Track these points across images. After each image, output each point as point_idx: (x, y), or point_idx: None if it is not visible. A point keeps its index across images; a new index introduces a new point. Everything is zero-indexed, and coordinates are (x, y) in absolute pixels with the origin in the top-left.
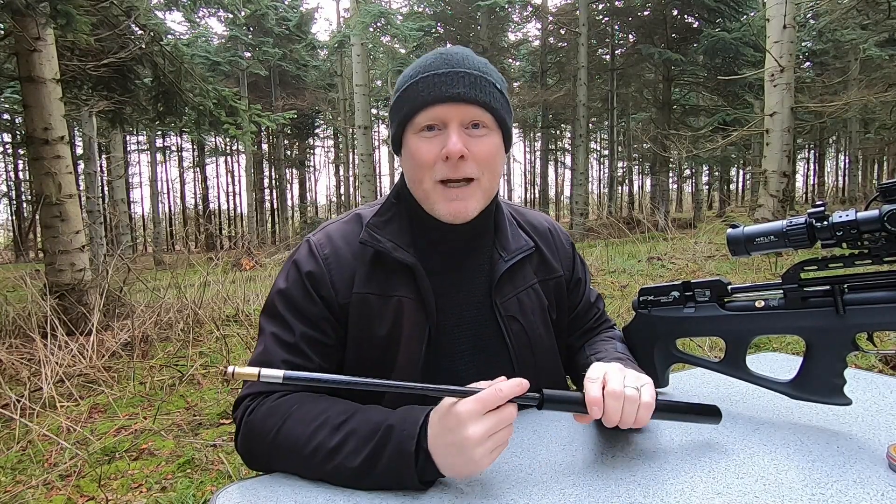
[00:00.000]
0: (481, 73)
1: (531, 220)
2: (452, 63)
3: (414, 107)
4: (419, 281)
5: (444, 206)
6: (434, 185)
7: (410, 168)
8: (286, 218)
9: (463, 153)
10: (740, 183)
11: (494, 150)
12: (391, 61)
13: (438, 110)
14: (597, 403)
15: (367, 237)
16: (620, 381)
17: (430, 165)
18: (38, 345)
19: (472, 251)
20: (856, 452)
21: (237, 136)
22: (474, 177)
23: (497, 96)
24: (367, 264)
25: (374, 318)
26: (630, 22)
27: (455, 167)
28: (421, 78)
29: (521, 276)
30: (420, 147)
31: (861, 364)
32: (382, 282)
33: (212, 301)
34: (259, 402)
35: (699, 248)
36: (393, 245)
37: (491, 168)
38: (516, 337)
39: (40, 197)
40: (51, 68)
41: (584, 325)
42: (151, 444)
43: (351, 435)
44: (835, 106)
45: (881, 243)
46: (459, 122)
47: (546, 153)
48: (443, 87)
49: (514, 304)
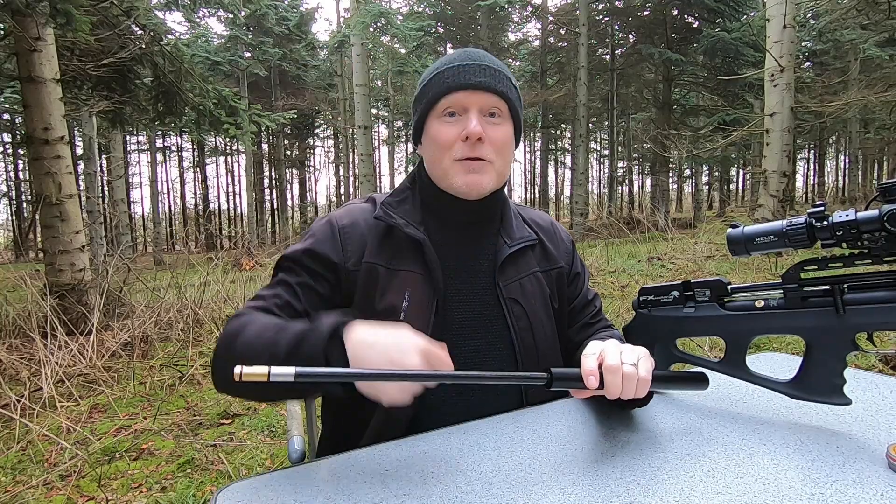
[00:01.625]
0: (499, 69)
1: (534, 216)
2: (475, 58)
3: (439, 92)
4: (427, 255)
5: (461, 178)
6: (452, 163)
7: (431, 150)
8: (286, 218)
9: (481, 135)
10: (740, 183)
11: (508, 137)
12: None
13: (460, 96)
14: (593, 374)
15: (381, 213)
16: (618, 356)
17: (449, 146)
18: (38, 345)
19: (478, 233)
20: (855, 452)
21: (237, 136)
22: (489, 159)
23: (512, 89)
24: (379, 238)
25: (379, 289)
26: (630, 22)
27: (473, 147)
28: (447, 69)
29: (523, 262)
30: (441, 129)
31: (861, 364)
32: (392, 255)
33: (212, 301)
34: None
35: (699, 248)
36: (404, 222)
37: (504, 154)
38: (518, 319)
39: (40, 197)
40: (51, 68)
41: (581, 320)
42: (151, 444)
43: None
44: (835, 106)
45: (881, 243)
46: (479, 108)
47: (546, 153)
48: (466, 76)
49: (516, 287)
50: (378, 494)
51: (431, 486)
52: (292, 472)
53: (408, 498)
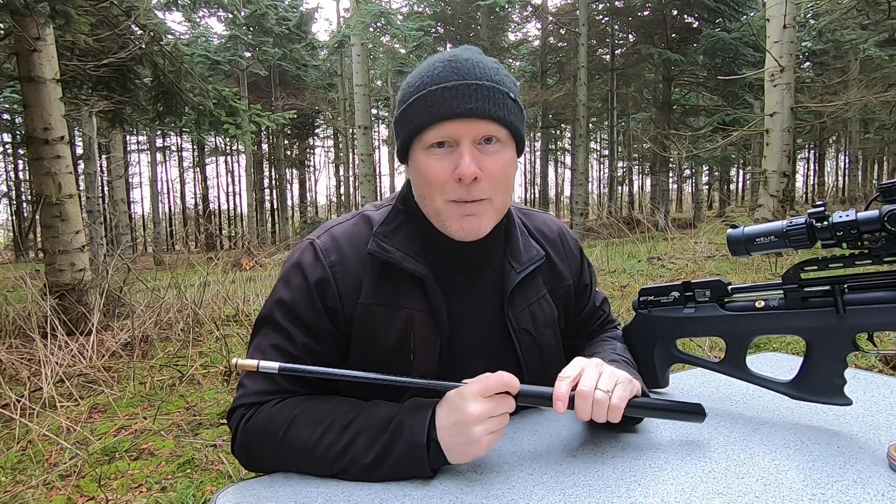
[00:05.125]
0: (493, 84)
1: (540, 226)
2: (462, 73)
3: (422, 122)
4: (430, 293)
5: (456, 224)
6: (445, 204)
7: (420, 185)
8: (286, 218)
9: (476, 175)
10: (740, 183)
11: (508, 166)
12: (391, 61)
13: (449, 127)
14: (561, 398)
15: (374, 247)
16: (593, 381)
17: (441, 185)
18: (38, 345)
19: (482, 262)
20: (856, 452)
21: (237, 136)
22: (487, 197)
23: (511, 107)
24: (375, 274)
25: (379, 330)
26: (630, 22)
27: (468, 189)
28: (429, 91)
29: (532, 287)
30: (430, 165)
31: (861, 364)
32: (391, 293)
33: (212, 301)
34: (255, 410)
35: (699, 248)
36: (402, 255)
37: (504, 186)
38: (528, 350)
39: (40, 197)
40: (51, 68)
41: (588, 328)
42: (151, 444)
43: (361, 432)
44: (835, 106)
45: (881, 243)
46: (472, 138)
47: (546, 153)
48: (453, 102)
49: (526, 316)
50: (378, 495)
51: (432, 487)
52: (292, 473)
53: (408, 498)
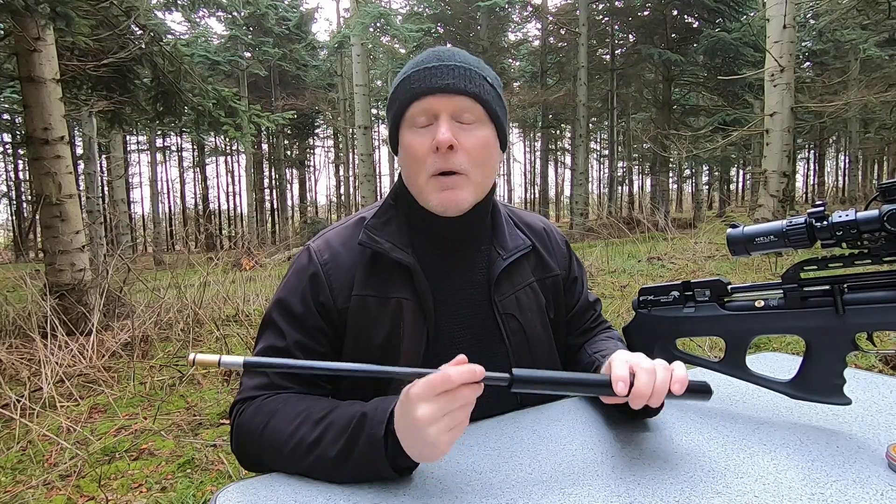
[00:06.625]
0: (471, 67)
1: (527, 220)
2: (443, 58)
3: (405, 100)
4: (417, 281)
5: (435, 197)
6: (428, 180)
7: (406, 164)
8: (286, 218)
9: (452, 143)
10: (740, 183)
11: (485, 142)
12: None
13: (428, 101)
14: (622, 379)
15: (365, 238)
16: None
17: (422, 159)
18: (38, 345)
19: (469, 249)
20: (855, 452)
21: (237, 137)
22: (464, 171)
23: (488, 89)
24: (366, 266)
25: (372, 321)
26: (630, 22)
27: (445, 158)
28: (413, 73)
29: (518, 274)
30: (413, 141)
31: (861, 364)
32: (381, 283)
33: (212, 301)
34: (248, 405)
35: (699, 248)
36: (391, 245)
37: (482, 162)
38: (514, 334)
39: (40, 197)
40: (51, 68)
41: (582, 325)
42: (151, 444)
43: (329, 427)
44: (835, 106)
45: (881, 243)
46: (450, 113)
47: (546, 153)
48: (432, 79)
49: (512, 302)
50: (378, 495)
51: (431, 487)
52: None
53: (407, 498)
